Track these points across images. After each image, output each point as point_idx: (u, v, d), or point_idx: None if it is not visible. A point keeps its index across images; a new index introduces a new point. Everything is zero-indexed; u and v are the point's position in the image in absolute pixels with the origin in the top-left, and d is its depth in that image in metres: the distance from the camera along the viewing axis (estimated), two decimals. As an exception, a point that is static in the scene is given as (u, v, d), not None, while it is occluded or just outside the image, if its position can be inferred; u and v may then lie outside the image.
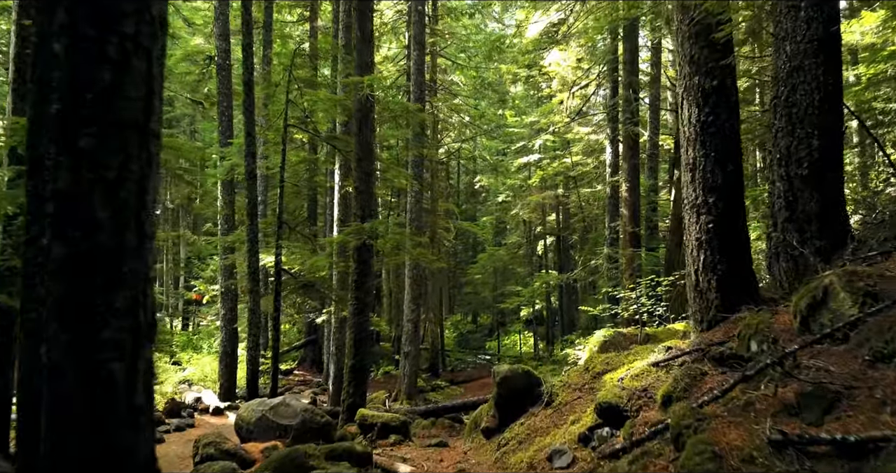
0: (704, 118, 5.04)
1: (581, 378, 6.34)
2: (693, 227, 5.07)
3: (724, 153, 5.01)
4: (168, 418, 13.10)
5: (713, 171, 5.00)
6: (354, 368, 9.41)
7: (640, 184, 15.89)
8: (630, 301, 11.77)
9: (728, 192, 4.99)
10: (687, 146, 5.18)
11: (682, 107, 5.26)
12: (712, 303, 4.93)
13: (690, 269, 5.12)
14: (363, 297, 9.52)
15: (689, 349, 4.64)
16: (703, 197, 5.01)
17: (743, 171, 5.22)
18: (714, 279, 4.92)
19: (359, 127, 9.77)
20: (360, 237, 9.22)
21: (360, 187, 9.64)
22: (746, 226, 5.10)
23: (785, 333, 4.02)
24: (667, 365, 4.67)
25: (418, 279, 17.07)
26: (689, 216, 5.12)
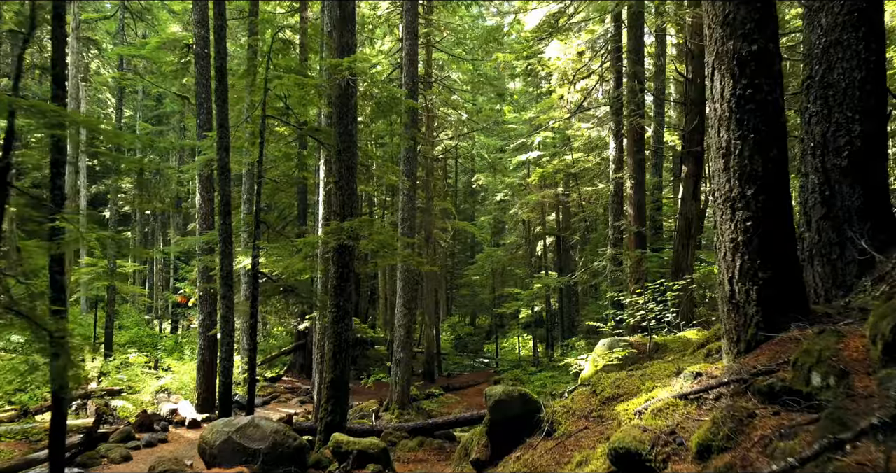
0: (741, 91, 4.10)
1: (587, 403, 5.41)
2: (726, 226, 4.13)
3: (765, 134, 4.07)
4: (139, 432, 12.16)
5: (752, 157, 4.07)
6: (334, 383, 8.47)
7: (645, 181, 14.97)
8: (636, 306, 10.83)
9: (771, 182, 4.06)
10: (718, 126, 4.24)
11: (711, 79, 4.32)
12: (751, 320, 3.99)
13: (723, 277, 4.17)
14: (343, 303, 8.59)
15: (726, 378, 3.70)
16: (739, 188, 4.07)
17: (788, 157, 4.29)
18: (754, 289, 3.98)
19: (339, 115, 8.85)
20: (338, 237, 8.29)
21: (340, 182, 8.72)
22: (793, 225, 4.16)
23: (858, 364, 3.09)
24: (697, 398, 3.73)
25: (411, 281, 16.12)
26: (722, 212, 4.19)
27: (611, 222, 15.25)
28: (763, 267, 3.98)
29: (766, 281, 3.97)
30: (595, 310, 20.01)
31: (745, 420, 3.14)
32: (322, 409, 8.50)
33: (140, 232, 34.71)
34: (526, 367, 22.92)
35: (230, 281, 10.14)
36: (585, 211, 23.06)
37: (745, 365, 3.74)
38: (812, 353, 3.20)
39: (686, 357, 7.66)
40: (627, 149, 14.75)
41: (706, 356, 5.35)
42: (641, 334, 11.82)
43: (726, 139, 4.18)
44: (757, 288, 3.99)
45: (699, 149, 14.08)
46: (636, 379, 5.24)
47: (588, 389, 5.68)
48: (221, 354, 10.01)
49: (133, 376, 16.49)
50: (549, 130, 23.31)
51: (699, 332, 10.51)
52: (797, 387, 3.21)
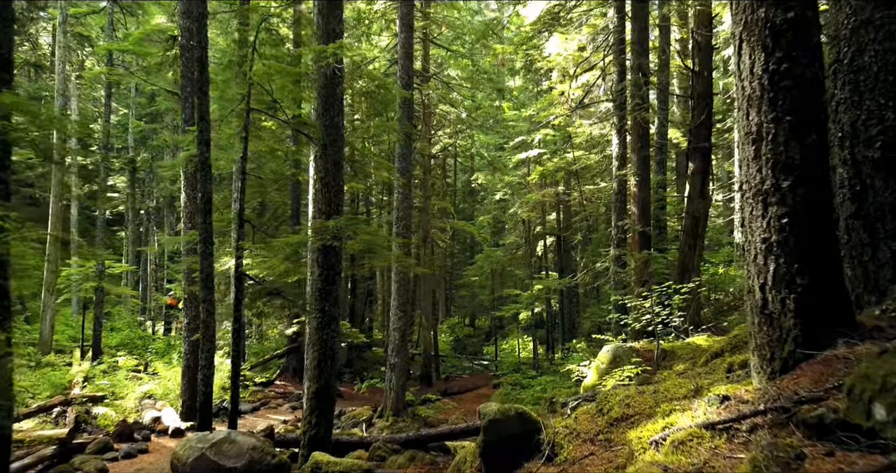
0: (775, 66, 3.50)
1: (593, 423, 4.80)
2: (757, 224, 3.53)
3: (803, 115, 3.47)
4: (118, 442, 11.57)
5: (788, 143, 3.46)
6: (318, 394, 7.87)
7: (650, 179, 14.36)
8: (642, 310, 10.23)
9: (810, 172, 3.46)
10: (747, 108, 3.64)
11: (738, 54, 3.72)
12: (788, 334, 3.39)
13: (753, 284, 3.57)
14: (328, 308, 7.99)
15: (762, 405, 3.09)
16: (772, 180, 3.47)
17: (829, 142, 3.70)
18: (791, 298, 3.38)
19: (324, 106, 8.25)
20: (322, 237, 7.70)
21: (325, 178, 8.13)
22: (835, 223, 3.57)
23: (934, 393, 2.48)
24: (727, 429, 3.13)
25: (406, 283, 15.53)
26: (752, 207, 3.59)
27: (614, 221, 14.63)
28: (801, 271, 3.38)
29: (805, 288, 3.37)
30: (597, 312, 19.41)
31: (791, 462, 2.54)
32: (305, 422, 7.90)
33: (134, 231, 34.12)
34: (526, 371, 22.32)
35: (211, 284, 9.54)
36: (587, 210, 22.45)
37: (783, 388, 3.13)
38: (874, 379, 2.60)
39: (698, 367, 7.06)
40: (631, 146, 14.15)
41: (727, 371, 4.75)
42: (647, 339, 11.23)
43: (757, 122, 3.58)
44: (795, 297, 3.38)
45: (706, 145, 13.49)
46: (648, 397, 4.64)
47: (593, 406, 5.08)
48: (201, 361, 9.40)
49: (117, 381, 15.88)
50: (550, 128, 22.72)
51: (709, 338, 9.91)
52: (855, 421, 2.62)
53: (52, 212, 20.10)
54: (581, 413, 5.04)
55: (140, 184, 36.01)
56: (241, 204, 10.52)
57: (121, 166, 33.71)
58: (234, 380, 10.13)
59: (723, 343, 6.99)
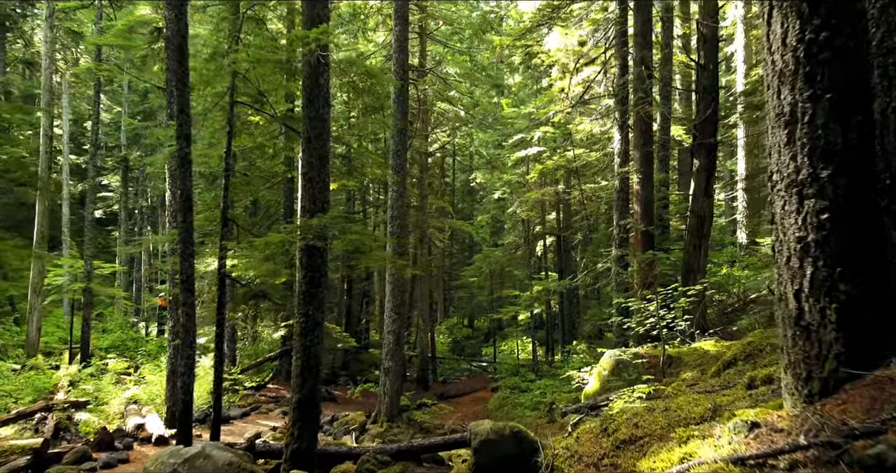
0: (812, 36, 2.99)
1: (597, 444, 4.29)
2: (791, 220, 3.02)
3: (845, 93, 2.97)
4: (97, 451, 11.02)
5: (827, 125, 2.95)
6: (301, 404, 7.36)
7: (654, 176, 13.86)
8: (646, 313, 9.72)
9: (854, 159, 2.95)
10: (778, 85, 3.13)
11: (769, 22, 3.21)
12: (829, 350, 2.87)
13: (786, 290, 3.06)
14: (313, 313, 7.48)
15: (803, 438, 2.58)
16: (810, 168, 2.95)
17: (875, 125, 3.20)
18: (832, 308, 2.87)
19: (308, 98, 7.75)
20: (305, 237, 7.19)
21: (309, 174, 7.62)
22: (883, 218, 3.06)
23: None
24: (761, 465, 2.62)
25: (401, 285, 15.01)
26: (784, 201, 3.08)
27: (616, 220, 14.12)
28: (845, 276, 2.87)
29: (849, 296, 2.86)
30: (598, 314, 18.91)
31: (850, 517, 2.03)
32: (288, 434, 7.39)
33: (127, 231, 33.60)
34: (525, 374, 21.78)
35: (191, 286, 9.02)
36: (587, 209, 21.93)
37: (827, 417, 2.62)
38: (951, 413, 2.09)
39: (709, 377, 6.55)
40: (634, 142, 13.65)
41: (748, 387, 4.23)
42: (651, 344, 10.72)
43: (790, 102, 3.07)
44: (837, 307, 2.87)
45: (712, 141, 12.98)
46: (658, 416, 4.13)
47: (597, 424, 4.57)
48: (180, 367, 8.89)
49: (101, 386, 15.36)
50: (550, 125, 22.22)
51: (717, 343, 9.40)
52: (926, 464, 2.11)
53: (38, 212, 19.58)
54: (583, 431, 4.53)
55: (133, 183, 35.50)
56: (226, 202, 10.03)
57: (113, 165, 33.19)
58: (217, 388, 9.63)
59: (735, 350, 6.49)
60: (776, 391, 3.68)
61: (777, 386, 3.80)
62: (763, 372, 4.27)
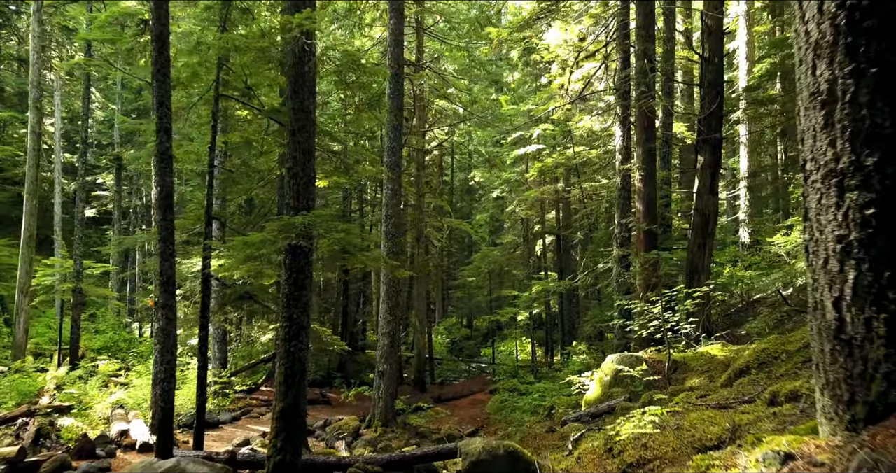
0: (854, 1, 2.55)
1: (600, 466, 3.87)
2: (829, 217, 2.58)
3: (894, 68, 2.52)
4: (78, 459, 10.57)
5: (873, 104, 2.51)
6: (284, 413, 6.93)
7: (656, 173, 13.43)
8: (649, 316, 9.28)
9: (904, 145, 2.50)
10: (813, 60, 2.69)
11: (801, -14, 2.77)
12: (877, 369, 2.44)
13: (822, 297, 2.62)
14: (297, 316, 7.05)
15: (852, 478, 2.15)
16: (852, 156, 2.51)
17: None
18: (881, 319, 2.43)
19: (293, 88, 7.31)
20: (287, 236, 6.76)
21: (293, 169, 7.19)
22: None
23: None
24: (800, 509, 2.18)
25: (396, 285, 14.58)
26: (821, 194, 2.64)
27: (617, 219, 13.69)
28: (895, 283, 2.43)
29: (901, 305, 2.42)
30: (598, 315, 18.47)
31: None
32: (270, 446, 6.95)
33: (121, 230, 33.15)
34: (523, 375, 21.34)
35: (171, 288, 8.60)
36: (588, 207, 21.49)
37: (881, 450, 2.18)
38: None
39: (719, 386, 6.12)
40: (636, 138, 13.21)
41: (770, 403, 3.79)
42: (654, 347, 10.28)
43: (828, 78, 2.63)
44: (886, 318, 2.44)
45: (717, 137, 12.54)
46: (670, 436, 3.69)
47: (601, 442, 4.13)
48: (160, 373, 8.47)
49: (87, 389, 14.92)
50: (549, 122, 21.79)
51: (724, 348, 8.96)
52: None
53: (25, 211, 19.13)
54: (586, 451, 4.10)
55: (128, 181, 35.04)
56: (210, 199, 9.60)
57: (107, 163, 32.74)
58: (201, 393, 9.20)
59: (747, 357, 6.05)
60: (806, 411, 3.25)
61: (806, 404, 3.37)
62: (787, 387, 3.83)
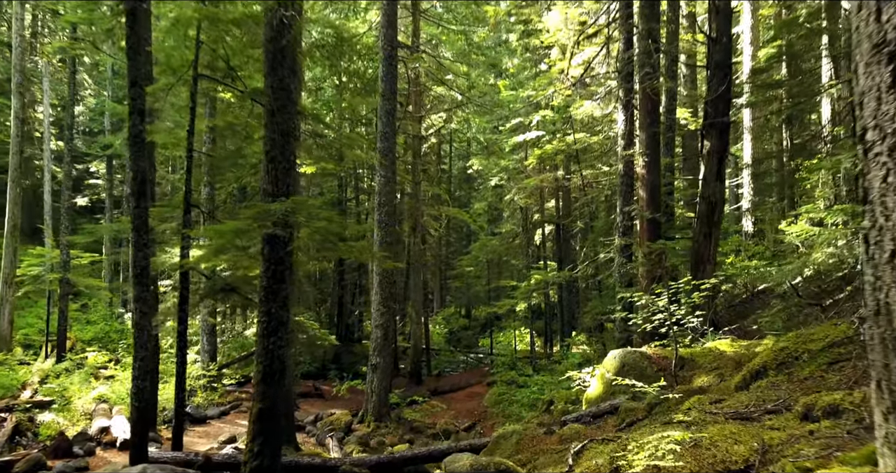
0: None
1: (605, 489, 3.34)
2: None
3: None
4: (54, 458, 10.08)
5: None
6: (263, 415, 6.43)
7: (660, 159, 12.88)
8: (653, 309, 8.76)
9: None
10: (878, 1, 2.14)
11: None
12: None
13: (888, 298, 2.10)
14: (276, 311, 6.53)
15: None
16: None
17: None
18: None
19: (271, 64, 6.75)
20: (262, 224, 6.23)
21: (272, 152, 6.65)
22: None
23: None
24: None
25: (389, 276, 14.07)
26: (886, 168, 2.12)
27: (619, 207, 13.13)
28: None
29: None
30: (598, 307, 17.98)
31: None
32: (247, 450, 6.46)
33: (112, 219, 32.55)
34: (522, 367, 20.90)
35: (145, 280, 8.08)
36: (588, 195, 20.93)
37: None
38: None
39: (732, 388, 5.61)
40: (639, 122, 12.64)
41: (804, 417, 3.28)
42: (658, 341, 9.78)
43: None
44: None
45: (724, 121, 11.97)
46: (687, 456, 3.17)
47: (606, 461, 3.62)
48: (134, 370, 7.96)
49: (70, 383, 14.45)
50: (549, 108, 21.22)
51: (733, 343, 8.45)
52: None
53: (9, 199, 18.58)
54: (588, 469, 3.58)
55: (121, 170, 34.40)
56: (188, 186, 9.06)
57: (97, 151, 32.11)
58: (179, 391, 8.72)
59: (764, 357, 5.54)
60: (854, 433, 2.72)
61: (852, 424, 2.85)
62: (824, 399, 3.30)
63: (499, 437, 7.39)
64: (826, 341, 5.04)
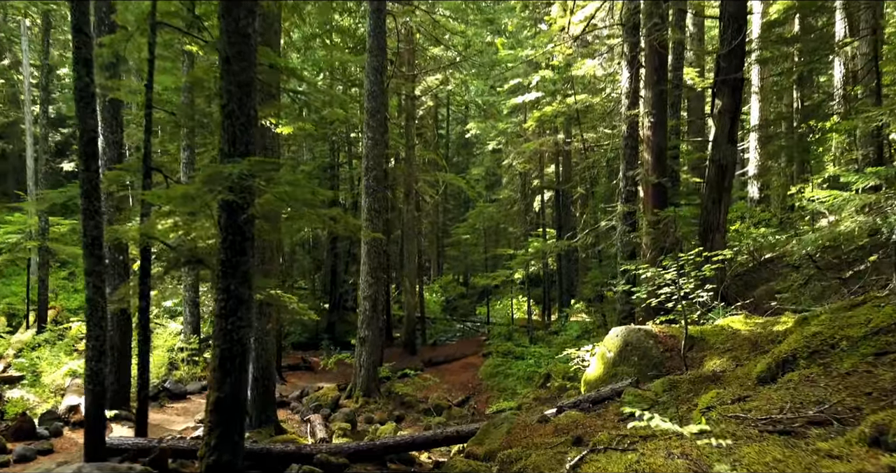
0: None
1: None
2: None
3: None
4: (14, 440, 9.42)
5: None
6: (220, 405, 5.70)
7: (667, 120, 11.98)
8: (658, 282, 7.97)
9: None
10: None
11: None
12: None
13: None
14: (236, 288, 5.76)
15: None
16: None
17: None
18: None
19: (226, 4, 5.84)
20: (212, 189, 5.40)
21: (228, 106, 5.78)
22: None
23: None
24: None
25: (377, 246, 13.29)
26: None
27: (622, 172, 12.26)
28: None
29: None
30: (598, 277, 17.25)
31: None
32: (203, 444, 5.75)
33: (100, 185, 31.61)
34: (518, 338, 20.30)
35: (98, 250, 7.27)
36: (589, 159, 20.01)
37: None
38: None
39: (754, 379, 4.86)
40: (645, 79, 11.70)
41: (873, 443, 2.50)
42: (664, 316, 9.04)
43: None
44: None
45: (738, 77, 11.03)
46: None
47: None
48: (89, 350, 7.23)
49: (45, 356, 13.78)
50: (549, 69, 20.16)
51: (747, 320, 7.70)
52: None
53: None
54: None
55: (108, 134, 33.32)
56: (148, 146, 8.20)
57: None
58: (143, 372, 8.00)
59: (793, 342, 4.77)
60: None
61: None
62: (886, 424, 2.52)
63: (487, 426, 6.70)
64: (869, 327, 4.27)
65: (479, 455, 6.28)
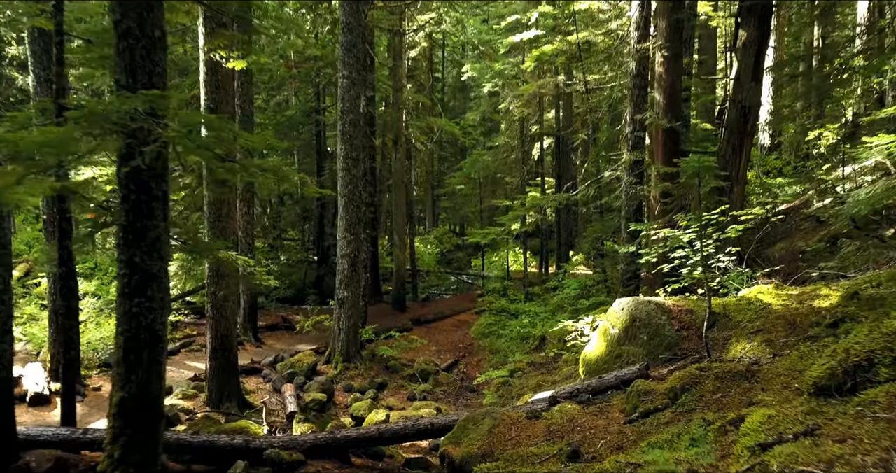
0: None
1: None
2: None
3: None
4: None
5: None
6: (125, 407, 4.53)
7: (682, 55, 10.50)
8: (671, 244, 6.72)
9: None
10: None
11: None
12: None
13: None
14: (142, 261, 4.52)
15: None
16: None
17: None
18: None
19: None
20: (101, 134, 4.09)
21: (123, 22, 4.40)
22: None
23: None
24: None
25: (356, 198, 11.99)
26: None
27: (629, 115, 10.84)
28: None
29: None
30: (599, 229, 16.00)
31: None
32: (105, 457, 4.61)
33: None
34: (513, 294, 19.21)
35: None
36: (592, 100, 18.46)
37: None
38: None
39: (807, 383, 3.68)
40: (657, 7, 10.15)
41: None
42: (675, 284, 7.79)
43: None
44: None
45: (766, 4, 9.52)
46: None
47: None
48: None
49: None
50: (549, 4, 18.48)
51: (778, 291, 6.45)
52: None
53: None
54: None
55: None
56: (60, 81, 6.81)
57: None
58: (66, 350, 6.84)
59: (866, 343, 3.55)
60: None
61: None
62: None
63: (466, 420, 5.56)
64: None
65: (455, 459, 5.17)
